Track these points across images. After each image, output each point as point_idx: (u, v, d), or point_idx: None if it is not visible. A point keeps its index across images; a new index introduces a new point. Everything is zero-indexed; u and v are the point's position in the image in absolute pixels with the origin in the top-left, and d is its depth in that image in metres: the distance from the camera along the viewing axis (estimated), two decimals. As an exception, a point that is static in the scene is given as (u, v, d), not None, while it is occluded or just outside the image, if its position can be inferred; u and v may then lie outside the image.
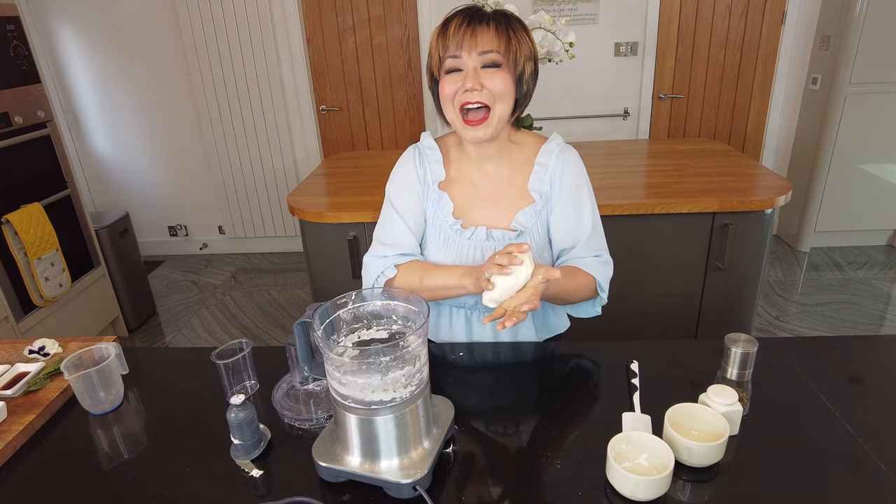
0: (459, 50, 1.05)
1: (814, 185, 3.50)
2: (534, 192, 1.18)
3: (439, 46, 1.08)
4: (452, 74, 1.08)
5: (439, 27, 1.09)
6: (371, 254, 1.22)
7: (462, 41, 1.04)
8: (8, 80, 2.39)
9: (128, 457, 0.96)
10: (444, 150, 1.23)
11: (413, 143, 1.27)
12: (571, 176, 1.18)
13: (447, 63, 1.07)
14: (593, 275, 1.16)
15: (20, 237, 2.34)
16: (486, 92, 1.06)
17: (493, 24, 1.06)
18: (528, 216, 1.18)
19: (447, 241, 1.19)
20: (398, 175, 1.24)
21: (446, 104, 1.10)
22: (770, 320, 2.92)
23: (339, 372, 0.81)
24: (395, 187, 1.23)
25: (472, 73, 1.05)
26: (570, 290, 1.13)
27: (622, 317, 2.14)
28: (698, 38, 3.42)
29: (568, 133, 3.58)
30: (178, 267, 3.96)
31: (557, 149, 1.20)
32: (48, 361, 1.19)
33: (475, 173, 1.20)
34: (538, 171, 1.18)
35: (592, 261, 1.18)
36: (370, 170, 2.58)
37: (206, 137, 3.73)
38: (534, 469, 0.88)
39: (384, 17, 3.45)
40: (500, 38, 1.05)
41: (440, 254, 1.20)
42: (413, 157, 1.23)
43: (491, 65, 1.06)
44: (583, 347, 1.21)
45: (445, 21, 1.08)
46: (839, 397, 1.01)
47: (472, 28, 1.05)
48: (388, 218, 1.22)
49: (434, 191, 1.20)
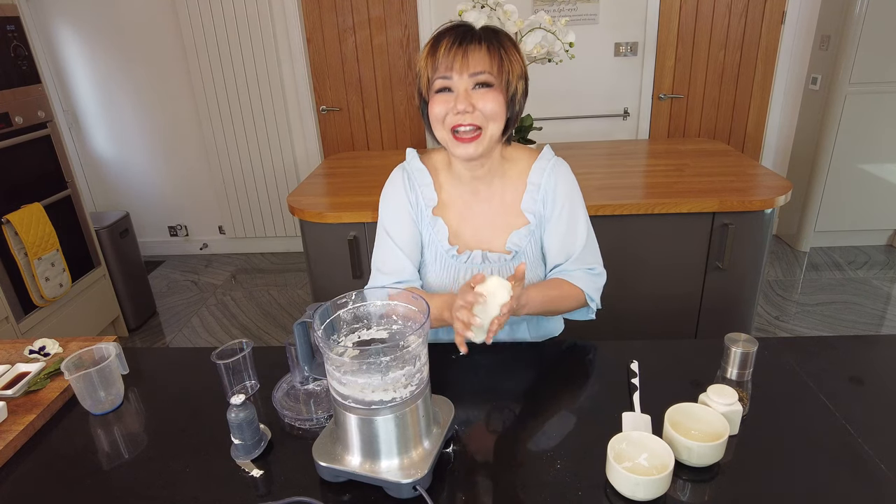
0: (450, 71, 1.03)
1: (813, 185, 3.50)
2: (528, 212, 1.18)
3: (429, 67, 1.05)
4: (443, 94, 1.05)
5: (429, 47, 1.05)
6: (371, 284, 1.23)
7: (453, 62, 1.02)
8: (8, 80, 2.39)
9: (128, 457, 0.96)
10: (433, 171, 1.21)
11: (399, 164, 1.24)
12: (564, 193, 1.17)
13: (437, 83, 1.05)
14: (581, 287, 1.17)
15: (20, 237, 2.34)
16: (477, 114, 1.04)
17: (485, 45, 1.03)
18: (521, 237, 1.18)
19: (444, 265, 1.20)
20: (389, 200, 1.22)
21: (436, 124, 1.08)
22: (770, 320, 2.92)
23: (339, 372, 0.81)
24: (388, 213, 1.21)
25: (464, 95, 1.03)
26: (555, 300, 1.14)
27: (622, 317, 2.15)
28: (698, 37, 3.42)
29: (568, 133, 3.60)
30: (178, 267, 3.96)
31: (549, 165, 1.18)
32: (48, 361, 1.19)
33: (467, 195, 1.19)
34: (531, 190, 1.18)
35: (581, 273, 1.18)
36: (370, 170, 2.58)
37: (206, 137, 3.73)
38: (534, 469, 0.88)
39: (384, 17, 3.45)
40: (493, 58, 1.03)
41: (437, 277, 1.21)
42: (402, 180, 1.21)
43: (483, 85, 1.04)
44: (582, 347, 1.21)
45: (435, 40, 1.05)
46: (839, 397, 1.02)
47: (464, 48, 1.02)
48: (383, 246, 1.21)
49: (428, 216, 1.19)
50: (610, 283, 1.25)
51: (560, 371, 1.16)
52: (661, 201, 1.97)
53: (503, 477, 0.87)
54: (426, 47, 1.06)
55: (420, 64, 1.07)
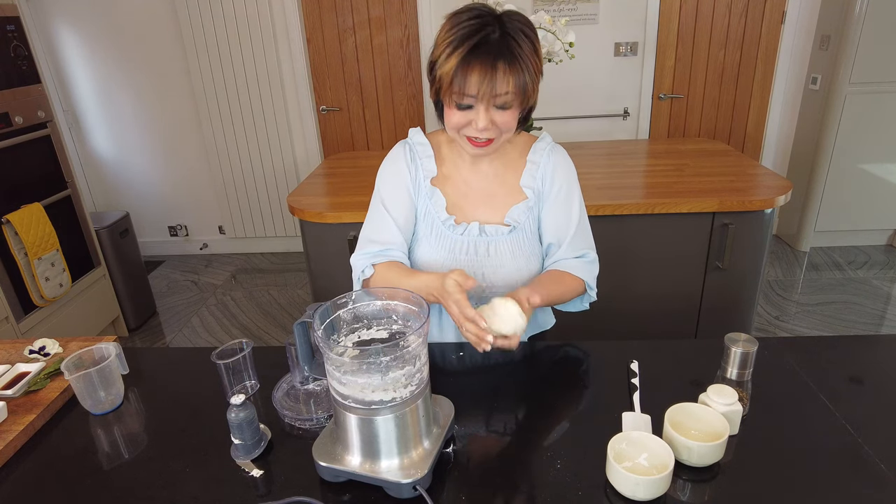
0: (477, 94, 1.00)
1: (814, 185, 3.50)
2: (527, 188, 1.20)
3: (456, 77, 1.00)
4: (463, 109, 1.04)
5: (461, 56, 0.99)
6: (358, 252, 1.22)
7: (481, 87, 0.99)
8: (8, 80, 2.39)
9: (128, 457, 0.96)
10: (436, 145, 1.23)
11: (401, 140, 1.25)
12: (563, 175, 1.20)
13: (456, 98, 1.03)
14: (581, 276, 1.19)
15: (20, 237, 2.34)
16: (494, 128, 1.05)
17: (518, 64, 0.99)
18: (520, 212, 1.19)
19: (440, 236, 1.19)
20: (388, 172, 1.22)
21: (451, 129, 1.09)
22: (770, 320, 2.92)
23: (339, 372, 0.81)
24: (386, 184, 1.22)
25: (485, 116, 1.03)
26: (561, 295, 1.17)
27: (622, 316, 2.15)
28: (698, 37, 3.42)
29: (568, 133, 3.59)
30: (178, 267, 3.96)
31: (548, 147, 1.21)
32: (48, 361, 1.19)
33: (468, 171, 1.21)
34: (530, 168, 1.20)
35: (577, 262, 1.20)
36: (370, 170, 2.57)
37: (206, 137, 3.73)
38: (534, 469, 0.88)
39: (384, 17, 3.45)
40: (518, 77, 1.00)
41: (432, 249, 1.20)
42: (403, 153, 1.22)
43: (503, 106, 1.03)
44: (583, 347, 1.22)
45: (468, 50, 0.98)
46: (839, 397, 1.02)
47: (494, 71, 0.98)
48: (377, 216, 1.21)
49: (426, 187, 1.20)
50: (610, 283, 1.26)
51: (560, 371, 1.16)
52: (661, 201, 1.97)
53: (503, 477, 0.87)
54: (456, 51, 0.99)
55: (446, 66, 1.01)
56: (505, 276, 1.19)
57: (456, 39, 1.00)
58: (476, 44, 0.99)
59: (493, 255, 1.18)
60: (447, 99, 1.05)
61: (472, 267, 1.18)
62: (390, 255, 1.19)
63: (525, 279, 1.20)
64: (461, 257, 1.19)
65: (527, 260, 1.20)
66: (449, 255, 1.19)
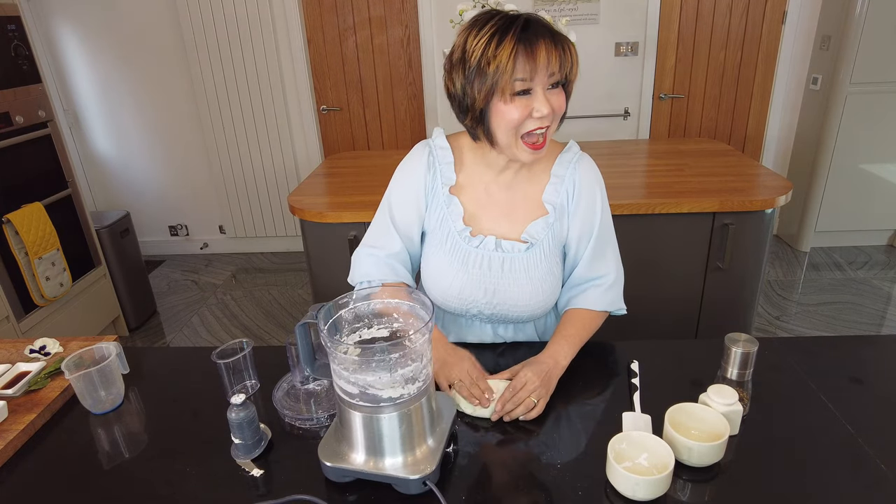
0: (537, 72, 0.96)
1: (814, 185, 3.50)
2: (548, 203, 1.15)
3: (518, 59, 0.95)
4: (521, 98, 0.98)
5: (515, 39, 0.95)
6: (363, 248, 1.21)
7: (548, 63, 0.96)
8: (9, 79, 2.39)
9: (128, 456, 0.96)
10: (458, 151, 1.17)
11: (423, 140, 1.21)
12: (586, 189, 1.15)
13: (516, 85, 0.97)
14: (601, 310, 1.19)
15: (21, 237, 2.34)
16: (551, 113, 1.00)
17: (561, 41, 0.98)
18: (539, 228, 1.14)
19: (454, 247, 1.15)
20: (405, 177, 1.18)
21: (507, 130, 1.01)
22: (770, 320, 2.92)
23: (346, 371, 0.81)
24: (398, 188, 1.19)
25: (543, 98, 0.98)
26: (586, 338, 1.17)
27: (622, 317, 2.14)
28: (698, 37, 3.42)
29: (568, 133, 3.59)
30: (178, 266, 3.96)
31: (574, 159, 1.16)
32: (49, 361, 1.20)
33: (489, 180, 1.15)
34: (554, 182, 1.15)
35: (595, 294, 1.18)
36: (371, 170, 2.58)
37: (206, 137, 3.73)
38: (534, 469, 0.88)
39: (384, 17, 3.45)
40: (566, 54, 0.98)
41: (445, 260, 1.16)
42: (425, 156, 1.16)
43: (556, 84, 1.00)
44: (583, 347, 1.21)
45: (499, 38, 0.95)
46: (839, 397, 1.02)
47: (550, 47, 0.96)
48: (383, 225, 1.20)
49: (443, 194, 1.15)
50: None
51: (560, 371, 1.15)
52: (662, 201, 1.97)
53: (503, 476, 0.87)
54: (505, 40, 0.95)
55: (499, 57, 0.95)
56: (518, 292, 1.15)
57: (498, 31, 0.97)
58: (521, 27, 0.96)
59: (507, 271, 1.14)
60: (502, 93, 0.98)
61: (485, 281, 1.15)
62: (393, 267, 1.19)
63: (540, 299, 1.16)
64: (474, 271, 1.14)
65: (542, 280, 1.15)
66: (462, 267, 1.15)
